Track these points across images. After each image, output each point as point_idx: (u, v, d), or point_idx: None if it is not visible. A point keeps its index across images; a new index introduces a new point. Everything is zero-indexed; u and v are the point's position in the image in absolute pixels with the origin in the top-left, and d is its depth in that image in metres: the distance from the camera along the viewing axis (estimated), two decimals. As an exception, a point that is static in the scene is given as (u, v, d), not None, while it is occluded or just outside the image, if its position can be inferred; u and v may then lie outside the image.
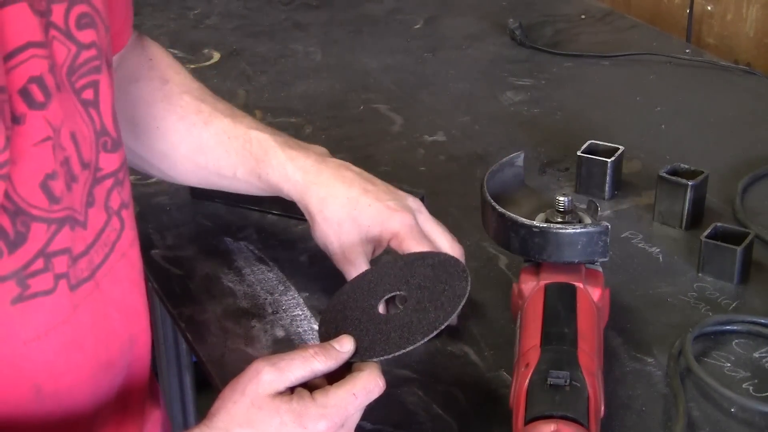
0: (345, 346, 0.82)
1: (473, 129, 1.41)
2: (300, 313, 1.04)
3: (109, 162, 0.82)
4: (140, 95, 1.04)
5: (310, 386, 0.79)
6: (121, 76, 1.00)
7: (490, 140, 1.37)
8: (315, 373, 0.80)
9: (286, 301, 1.06)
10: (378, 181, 1.02)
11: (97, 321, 0.81)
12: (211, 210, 1.22)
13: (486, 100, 1.49)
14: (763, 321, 1.00)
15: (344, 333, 0.84)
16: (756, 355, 0.97)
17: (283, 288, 1.08)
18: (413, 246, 0.96)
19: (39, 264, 0.74)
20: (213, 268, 1.11)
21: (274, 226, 1.18)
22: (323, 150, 1.05)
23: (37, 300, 0.75)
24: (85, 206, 0.79)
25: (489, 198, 0.98)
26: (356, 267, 0.97)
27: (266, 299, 1.06)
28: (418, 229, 0.98)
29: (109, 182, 0.82)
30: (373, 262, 0.98)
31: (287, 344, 1.00)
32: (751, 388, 0.93)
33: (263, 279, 1.09)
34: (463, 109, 1.46)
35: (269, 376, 0.77)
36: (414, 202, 1.01)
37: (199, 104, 1.05)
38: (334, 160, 1.04)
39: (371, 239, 0.98)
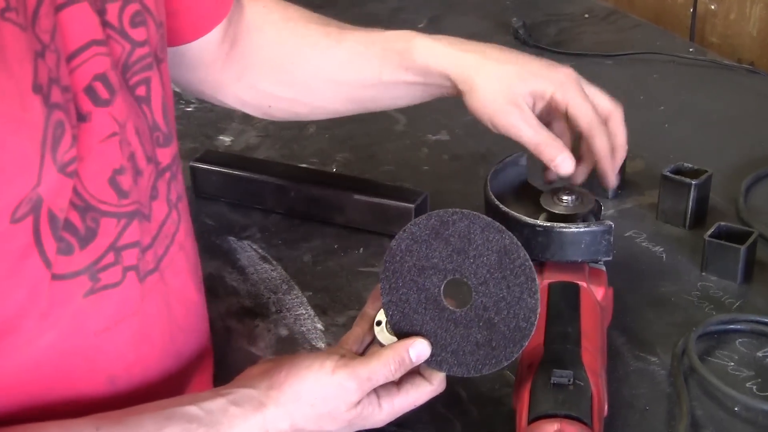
0: (421, 356, 0.82)
1: (476, 128, 1.39)
2: (304, 312, 1.04)
3: (164, 156, 0.83)
4: (268, 40, 1.04)
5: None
6: (241, 30, 1.02)
7: (493, 139, 1.35)
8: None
9: (289, 300, 1.06)
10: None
11: (162, 312, 0.83)
12: (215, 209, 1.22)
13: (489, 100, 1.48)
14: (766, 320, 1.00)
15: (410, 323, 0.83)
16: (759, 354, 0.97)
17: (286, 287, 1.08)
18: (579, 102, 0.95)
19: (110, 258, 0.75)
20: (216, 267, 1.11)
21: (277, 225, 1.18)
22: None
23: (107, 292, 0.76)
24: (149, 199, 0.80)
25: (492, 197, 0.98)
26: (533, 125, 0.96)
27: (270, 298, 1.06)
28: (582, 88, 0.97)
29: (167, 176, 0.83)
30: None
31: (291, 343, 1.00)
32: (754, 387, 0.93)
33: (267, 278, 1.09)
34: (467, 109, 1.46)
35: (356, 398, 0.80)
36: (570, 69, 1.00)
37: (326, 28, 1.05)
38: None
39: (536, 94, 0.97)
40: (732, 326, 1.00)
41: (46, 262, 0.70)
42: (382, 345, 0.84)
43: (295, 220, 1.19)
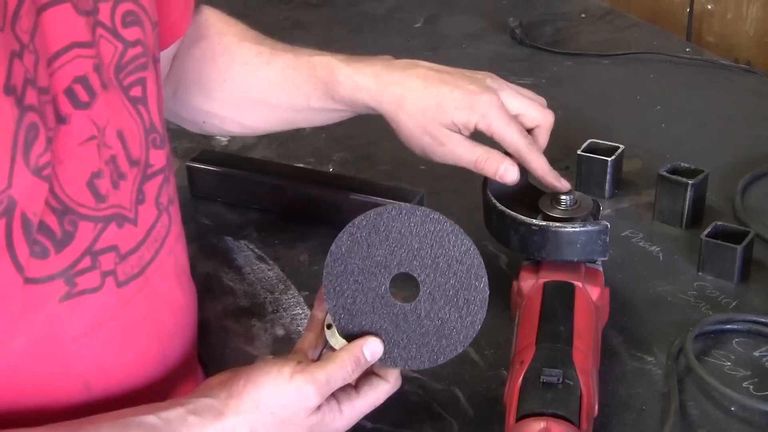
0: (375, 354, 0.82)
1: (473, 128, 1.40)
2: (300, 311, 1.04)
3: (158, 158, 0.82)
4: (202, 54, 1.04)
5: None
6: (182, 42, 1.02)
7: (489, 140, 1.36)
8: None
9: (286, 300, 1.06)
10: (452, 69, 1.01)
11: (147, 317, 0.82)
12: (211, 209, 1.22)
13: (486, 99, 1.48)
14: (763, 320, 1.00)
15: (360, 324, 0.82)
16: (756, 354, 0.97)
17: (283, 287, 1.08)
18: (503, 128, 0.96)
19: (86, 262, 0.75)
20: (213, 267, 1.11)
21: (274, 225, 1.18)
22: (388, 57, 1.04)
23: (84, 297, 0.75)
24: (134, 203, 0.79)
25: (490, 196, 0.98)
26: (467, 148, 0.97)
27: (266, 298, 1.06)
28: (506, 110, 0.97)
29: (159, 178, 0.83)
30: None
31: (287, 343, 0.99)
32: (751, 387, 0.93)
33: (263, 278, 1.09)
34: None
35: (315, 402, 0.78)
36: (493, 81, 1.00)
37: (259, 47, 1.05)
38: (401, 60, 1.02)
39: (459, 124, 0.97)
40: (729, 326, 1.00)
41: (17, 267, 0.69)
42: (334, 349, 0.83)
43: (292, 220, 1.19)
